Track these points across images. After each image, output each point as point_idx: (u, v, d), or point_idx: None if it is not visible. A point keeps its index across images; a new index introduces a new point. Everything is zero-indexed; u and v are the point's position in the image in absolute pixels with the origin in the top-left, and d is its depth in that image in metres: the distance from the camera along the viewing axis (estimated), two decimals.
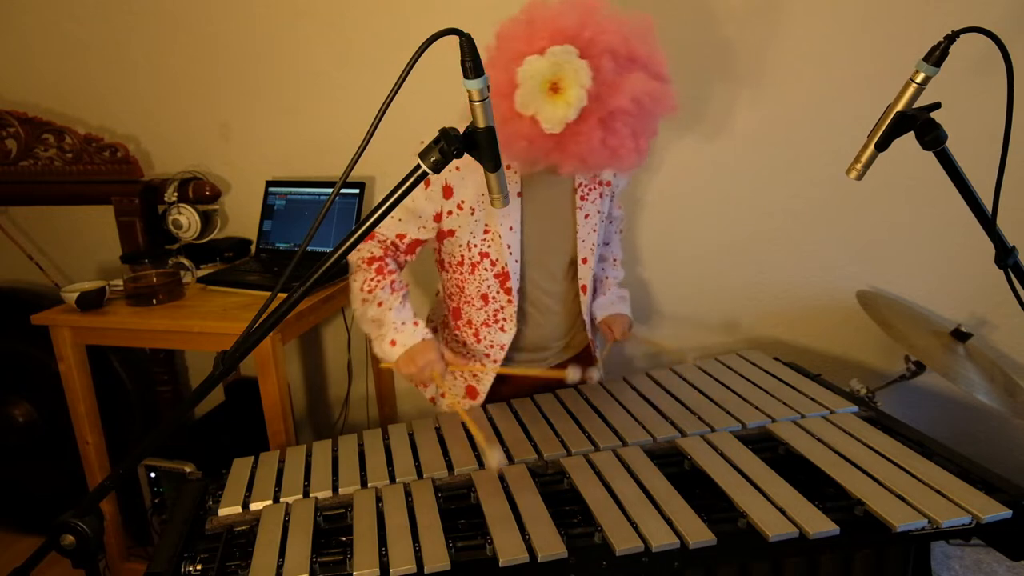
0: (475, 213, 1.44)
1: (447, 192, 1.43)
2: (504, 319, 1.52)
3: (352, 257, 1.48)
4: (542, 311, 1.57)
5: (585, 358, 1.70)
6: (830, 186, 1.94)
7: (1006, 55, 1.04)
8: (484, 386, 1.59)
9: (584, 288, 1.57)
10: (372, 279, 1.45)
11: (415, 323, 1.45)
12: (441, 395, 1.65)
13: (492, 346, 1.55)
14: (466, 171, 1.41)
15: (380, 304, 1.44)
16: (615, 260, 1.74)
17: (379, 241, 1.50)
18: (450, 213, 1.45)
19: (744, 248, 2.07)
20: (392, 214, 1.52)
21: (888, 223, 1.96)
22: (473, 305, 1.53)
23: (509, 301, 1.50)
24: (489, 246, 1.47)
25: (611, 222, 1.70)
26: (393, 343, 1.42)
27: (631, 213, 2.06)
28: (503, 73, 1.21)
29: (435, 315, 1.74)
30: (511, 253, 1.46)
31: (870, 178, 1.18)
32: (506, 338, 1.53)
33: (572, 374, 1.44)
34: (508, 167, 1.45)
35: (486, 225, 1.45)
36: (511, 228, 1.45)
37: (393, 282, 1.46)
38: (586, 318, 1.61)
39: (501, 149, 1.21)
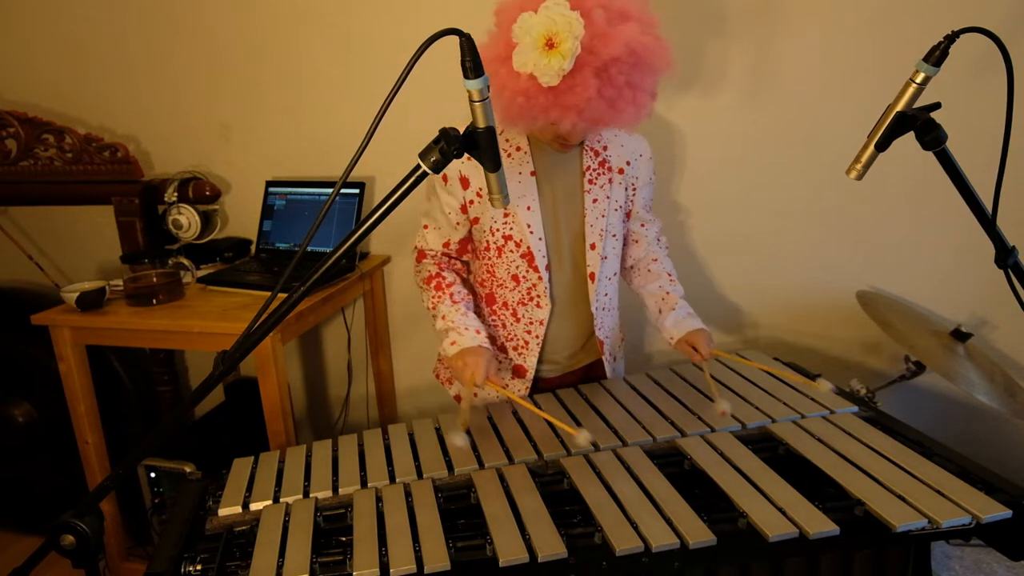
0: None
1: (464, 183, 1.49)
2: (538, 295, 1.54)
3: (416, 278, 1.63)
4: (565, 297, 1.57)
5: (593, 374, 1.68)
6: (830, 186, 1.95)
7: (1006, 55, 1.04)
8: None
9: (592, 276, 1.54)
10: (433, 296, 1.56)
11: (477, 331, 1.50)
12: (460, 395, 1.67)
13: (532, 322, 1.57)
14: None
15: (444, 317, 1.52)
16: (671, 276, 1.66)
17: (431, 258, 1.61)
18: (472, 202, 1.51)
19: (744, 248, 2.07)
20: (428, 226, 1.57)
21: (888, 223, 1.96)
22: (506, 287, 1.56)
23: (540, 278, 1.53)
24: (511, 228, 1.50)
25: (643, 226, 1.65)
26: (453, 343, 1.48)
27: None
28: (503, 39, 1.24)
29: None
30: (532, 232, 1.50)
31: (870, 178, 1.18)
32: (543, 313, 1.55)
33: (583, 438, 1.30)
34: (519, 149, 1.48)
35: (505, 208, 1.48)
36: (528, 208, 1.49)
37: (452, 295, 1.55)
38: (595, 311, 1.57)
39: (501, 113, 1.23)
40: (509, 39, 1.22)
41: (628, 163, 1.55)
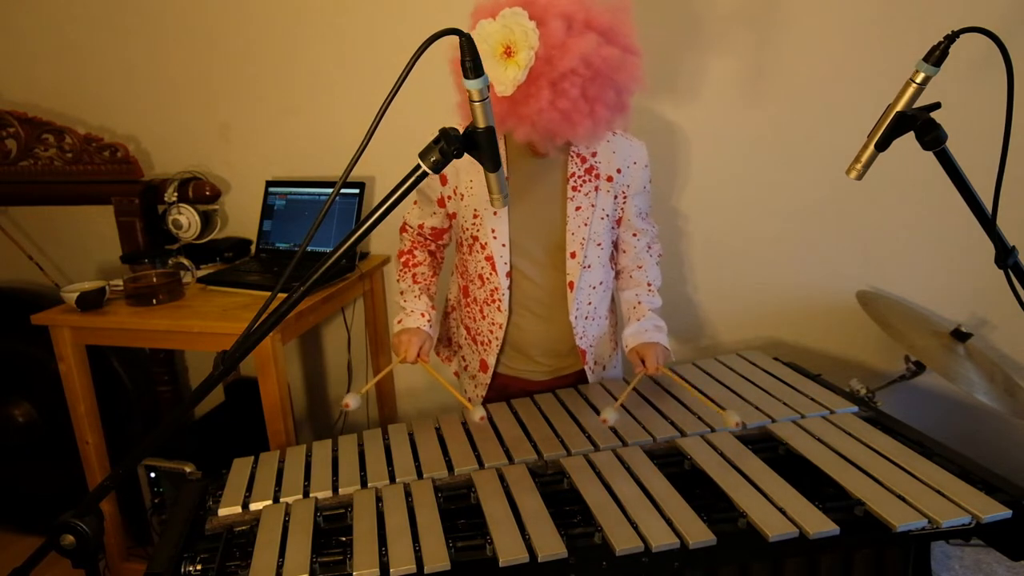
0: (465, 199, 1.51)
1: (443, 180, 1.52)
2: (499, 299, 1.54)
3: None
4: (531, 306, 1.56)
5: (574, 383, 1.66)
6: (830, 186, 1.95)
7: (1006, 55, 1.04)
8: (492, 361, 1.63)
9: (571, 285, 1.52)
10: (400, 271, 1.65)
11: (422, 314, 1.57)
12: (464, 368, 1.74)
13: (493, 324, 1.58)
14: (457, 160, 1.42)
15: (402, 293, 1.62)
16: (650, 286, 1.60)
17: (409, 234, 1.66)
18: (449, 198, 1.54)
19: (744, 248, 2.07)
20: (417, 204, 1.60)
21: (888, 223, 1.96)
22: (475, 284, 1.58)
23: (499, 283, 1.53)
24: (478, 230, 1.51)
25: (635, 235, 1.59)
26: (399, 321, 1.59)
27: None
28: None
29: (453, 295, 1.76)
30: (496, 238, 1.50)
31: (870, 178, 1.18)
32: (502, 318, 1.56)
33: (476, 415, 1.38)
34: None
35: (475, 210, 1.50)
36: (495, 213, 1.48)
37: (415, 275, 1.62)
38: (573, 321, 1.55)
39: (462, 116, 1.22)
40: None
41: (619, 170, 1.50)
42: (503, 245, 1.50)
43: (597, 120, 1.27)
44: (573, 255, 1.51)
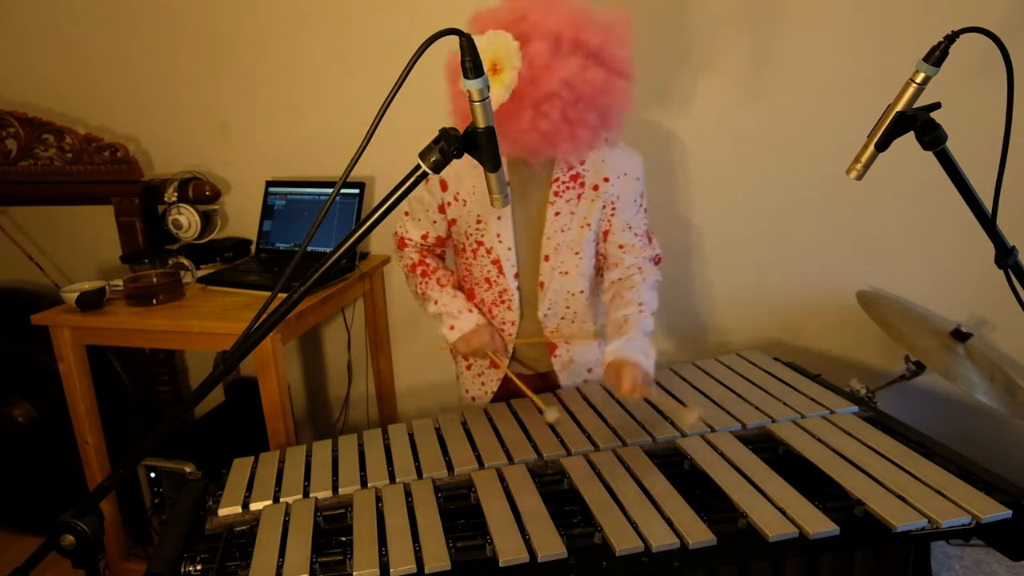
0: (467, 204, 1.51)
1: (443, 186, 1.51)
2: (509, 299, 1.56)
3: (400, 265, 1.66)
4: (531, 304, 1.58)
5: (544, 382, 1.68)
6: (830, 186, 1.95)
7: (1006, 55, 1.04)
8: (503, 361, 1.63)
9: (541, 284, 1.54)
10: (421, 283, 1.61)
11: (469, 311, 1.56)
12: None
13: (504, 323, 1.60)
14: (458, 165, 1.42)
15: (436, 302, 1.58)
16: (641, 307, 1.44)
17: (412, 246, 1.62)
18: (450, 204, 1.53)
19: (744, 248, 2.07)
20: (410, 215, 1.57)
21: (888, 223, 1.96)
22: (481, 287, 1.59)
23: (508, 285, 1.54)
24: (483, 235, 1.52)
25: (622, 248, 1.52)
26: (452, 328, 1.56)
27: None
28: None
29: None
30: (501, 242, 1.51)
31: (870, 178, 1.18)
32: (514, 315, 1.58)
33: (551, 415, 1.44)
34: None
35: (478, 215, 1.50)
36: (499, 218, 1.49)
37: (439, 278, 1.59)
38: (542, 317, 1.57)
39: (455, 123, 1.22)
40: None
41: (607, 179, 1.47)
42: (509, 248, 1.51)
43: (578, 141, 1.30)
44: (547, 258, 1.52)
